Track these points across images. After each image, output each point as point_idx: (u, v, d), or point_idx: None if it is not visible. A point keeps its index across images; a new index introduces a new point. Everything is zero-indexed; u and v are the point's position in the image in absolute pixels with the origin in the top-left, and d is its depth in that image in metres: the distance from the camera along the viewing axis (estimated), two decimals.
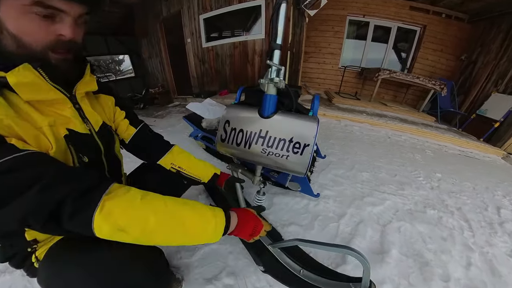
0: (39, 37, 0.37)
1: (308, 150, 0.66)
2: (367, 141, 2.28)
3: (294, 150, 0.67)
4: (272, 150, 0.69)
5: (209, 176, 0.84)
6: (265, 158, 0.70)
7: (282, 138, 0.68)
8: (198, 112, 1.65)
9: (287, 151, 0.68)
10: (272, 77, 0.66)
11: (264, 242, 0.90)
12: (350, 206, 1.20)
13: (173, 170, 0.79)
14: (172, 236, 0.41)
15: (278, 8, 0.65)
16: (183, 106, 3.49)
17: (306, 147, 0.66)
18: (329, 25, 4.07)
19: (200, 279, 0.81)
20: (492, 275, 0.90)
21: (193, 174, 0.81)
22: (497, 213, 1.32)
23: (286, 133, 0.68)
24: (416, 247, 0.99)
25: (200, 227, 0.43)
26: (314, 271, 0.76)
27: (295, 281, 0.75)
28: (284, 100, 0.73)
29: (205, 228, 0.43)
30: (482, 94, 3.40)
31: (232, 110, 0.77)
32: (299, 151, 0.67)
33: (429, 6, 3.69)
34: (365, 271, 0.56)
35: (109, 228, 0.34)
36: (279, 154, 0.69)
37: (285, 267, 0.80)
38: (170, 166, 0.79)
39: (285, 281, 0.76)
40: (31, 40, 0.37)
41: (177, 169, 0.79)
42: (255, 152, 0.71)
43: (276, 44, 0.67)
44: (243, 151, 0.73)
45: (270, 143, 0.69)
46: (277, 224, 1.05)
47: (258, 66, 3.49)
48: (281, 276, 0.78)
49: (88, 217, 0.33)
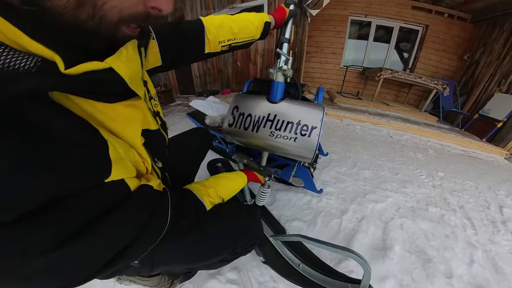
0: (128, 4, 0.25)
1: (315, 132, 0.67)
2: (369, 140, 2.28)
3: (302, 132, 0.68)
4: (280, 132, 0.70)
5: (261, 30, 0.69)
6: (273, 141, 0.71)
7: (290, 121, 0.69)
8: (202, 109, 1.65)
9: (295, 133, 0.69)
10: (281, 65, 0.69)
11: (267, 234, 0.91)
12: (352, 202, 1.21)
13: (224, 49, 0.66)
14: (234, 192, 0.64)
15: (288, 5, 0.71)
16: (185, 105, 3.50)
17: (313, 129, 0.67)
18: (331, 25, 4.07)
19: (204, 273, 0.81)
20: (495, 272, 0.90)
21: (246, 37, 0.67)
22: (500, 212, 1.31)
23: (294, 116, 0.70)
24: (419, 244, 0.99)
25: (241, 184, 0.69)
26: (314, 267, 0.77)
27: (293, 274, 0.76)
28: (291, 90, 0.75)
29: (242, 183, 0.69)
30: (485, 94, 3.39)
31: (241, 98, 0.79)
32: (307, 133, 0.68)
33: (432, 6, 3.68)
34: (365, 275, 0.57)
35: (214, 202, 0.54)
36: (287, 136, 0.70)
37: (285, 260, 0.81)
38: (221, 47, 0.65)
39: (284, 274, 0.77)
40: (116, 1, 0.23)
41: (228, 44, 0.65)
42: (263, 135, 0.72)
43: (285, 38, 0.72)
44: (251, 135, 0.74)
45: (278, 125, 0.70)
46: (281, 219, 1.06)
47: (260, 66, 3.50)
48: (280, 269, 0.78)
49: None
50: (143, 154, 0.37)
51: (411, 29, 3.95)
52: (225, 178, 0.64)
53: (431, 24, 3.76)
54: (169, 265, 0.52)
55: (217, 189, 0.56)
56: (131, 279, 0.70)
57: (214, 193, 0.54)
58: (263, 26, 0.69)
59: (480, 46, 3.55)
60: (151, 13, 0.27)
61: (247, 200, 0.99)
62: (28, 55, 0.21)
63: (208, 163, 1.42)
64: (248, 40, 0.69)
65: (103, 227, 0.27)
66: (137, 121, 0.36)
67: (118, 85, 0.29)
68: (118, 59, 0.27)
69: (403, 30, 3.99)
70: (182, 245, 0.49)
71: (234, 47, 0.68)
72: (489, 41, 3.40)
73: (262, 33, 0.70)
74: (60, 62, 0.22)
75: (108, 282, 0.77)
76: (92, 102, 0.28)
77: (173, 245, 0.47)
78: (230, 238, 0.55)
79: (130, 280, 0.71)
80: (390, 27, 3.99)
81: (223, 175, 0.65)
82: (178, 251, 0.49)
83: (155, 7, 0.27)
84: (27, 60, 0.21)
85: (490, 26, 3.41)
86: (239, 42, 0.68)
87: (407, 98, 4.23)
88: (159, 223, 0.36)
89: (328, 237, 0.99)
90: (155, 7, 0.27)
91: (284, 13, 0.71)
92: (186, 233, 0.48)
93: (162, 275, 0.74)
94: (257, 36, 0.70)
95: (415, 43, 4.03)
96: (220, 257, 0.57)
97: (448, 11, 3.67)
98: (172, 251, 0.49)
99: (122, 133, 0.32)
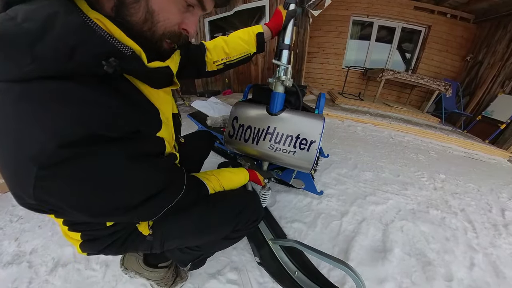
0: (170, 23, 0.37)
1: (314, 147, 0.68)
2: (370, 141, 2.28)
3: (301, 146, 0.69)
4: (280, 146, 0.71)
5: (254, 43, 0.71)
6: (273, 154, 0.72)
7: (290, 135, 0.70)
8: (203, 110, 1.66)
9: (294, 147, 0.69)
10: (279, 75, 0.68)
11: (266, 236, 0.91)
12: (353, 204, 1.21)
13: (220, 67, 0.72)
14: (235, 185, 0.68)
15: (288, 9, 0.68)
16: (187, 105, 3.52)
17: (312, 143, 0.68)
18: (333, 25, 4.06)
19: (204, 274, 0.82)
20: (496, 276, 0.90)
21: (239, 54, 0.72)
22: (502, 215, 1.31)
23: (293, 129, 0.70)
24: (419, 247, 0.99)
25: (242, 179, 0.71)
26: (309, 276, 0.76)
27: (287, 280, 0.75)
28: (291, 98, 0.75)
29: (243, 179, 0.71)
30: (488, 95, 3.36)
31: (241, 107, 0.79)
32: (306, 147, 0.68)
33: (434, 6, 3.66)
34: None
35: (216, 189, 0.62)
36: (286, 150, 0.70)
37: (280, 264, 0.81)
38: (216, 66, 0.72)
39: (278, 278, 0.77)
40: (163, 21, 0.36)
41: (223, 63, 0.71)
42: (263, 148, 0.72)
43: (284, 44, 0.69)
44: (251, 147, 0.74)
45: (277, 139, 0.70)
46: (281, 221, 1.06)
47: (262, 66, 3.50)
48: (274, 273, 0.78)
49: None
50: (171, 126, 0.50)
51: (413, 29, 3.93)
52: (228, 171, 0.68)
53: (433, 24, 3.74)
54: (176, 239, 0.56)
55: (219, 179, 0.63)
56: (138, 270, 0.72)
57: (216, 181, 0.61)
58: (256, 39, 0.70)
59: (483, 47, 3.52)
60: (182, 33, 0.41)
61: None
62: (125, 45, 0.32)
63: (218, 165, 1.43)
64: (243, 56, 0.73)
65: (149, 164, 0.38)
66: (170, 103, 0.50)
67: (168, 76, 0.43)
68: (171, 61, 0.44)
69: (406, 30, 3.97)
70: (188, 218, 0.55)
71: (230, 65, 0.74)
72: (492, 41, 3.37)
73: (258, 45, 0.72)
74: (144, 57, 0.35)
75: (110, 282, 0.78)
76: (147, 86, 0.40)
77: (180, 218, 0.54)
78: (232, 213, 0.60)
79: (136, 272, 0.72)
80: (392, 28, 3.98)
81: (226, 169, 0.69)
82: (184, 224, 0.56)
83: (185, 29, 0.41)
84: (127, 49, 0.33)
85: (494, 27, 3.38)
86: (234, 60, 0.72)
87: (409, 99, 4.21)
88: (178, 186, 0.47)
89: (328, 239, 0.99)
90: (185, 29, 0.41)
91: (281, 17, 0.68)
92: (191, 208, 0.55)
93: (168, 268, 0.75)
94: (253, 49, 0.72)
95: (418, 44, 4.01)
96: (224, 233, 0.61)
97: (451, 12, 3.65)
98: (179, 225, 0.55)
99: (163, 109, 0.44)
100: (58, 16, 0.26)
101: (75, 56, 0.27)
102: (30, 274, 0.81)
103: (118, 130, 0.32)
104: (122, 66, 0.31)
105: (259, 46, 0.72)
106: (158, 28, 0.37)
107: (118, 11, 0.33)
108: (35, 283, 0.78)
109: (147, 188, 0.39)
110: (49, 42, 0.25)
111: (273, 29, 0.70)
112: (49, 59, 0.26)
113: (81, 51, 0.27)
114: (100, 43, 0.29)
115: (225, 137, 0.79)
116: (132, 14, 0.34)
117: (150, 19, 0.35)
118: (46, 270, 0.82)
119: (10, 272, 0.82)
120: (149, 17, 0.35)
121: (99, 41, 0.29)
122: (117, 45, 0.32)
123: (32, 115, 0.27)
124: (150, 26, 0.36)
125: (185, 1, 0.37)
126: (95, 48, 0.29)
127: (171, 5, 0.36)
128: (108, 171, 0.32)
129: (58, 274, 0.81)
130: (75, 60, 0.27)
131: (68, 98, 0.28)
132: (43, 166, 0.27)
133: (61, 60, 0.27)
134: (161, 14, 0.35)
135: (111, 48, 0.31)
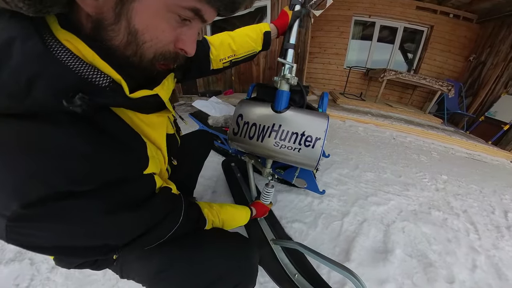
0: (161, 43, 0.31)
1: (319, 144, 0.68)
2: (372, 141, 2.27)
3: (306, 143, 0.69)
4: (285, 143, 0.71)
5: (261, 41, 0.70)
6: (278, 151, 0.72)
7: (295, 132, 0.70)
8: (204, 110, 1.66)
9: (299, 144, 0.69)
10: (285, 73, 0.69)
11: (267, 236, 0.91)
12: (354, 205, 1.20)
13: (226, 65, 0.70)
14: (233, 224, 0.67)
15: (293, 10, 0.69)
16: (188, 105, 3.52)
17: (317, 140, 0.68)
18: (335, 25, 4.05)
19: None
20: (498, 278, 0.89)
21: (246, 52, 0.71)
22: (505, 217, 1.30)
23: (298, 127, 0.70)
24: (421, 248, 0.98)
25: (243, 218, 0.73)
26: (310, 280, 0.75)
27: (287, 283, 0.75)
28: (295, 97, 0.75)
29: (244, 218, 0.73)
30: (491, 96, 3.33)
31: (246, 105, 0.79)
32: (311, 144, 0.68)
33: (437, 6, 3.64)
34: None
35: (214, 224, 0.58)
36: (292, 147, 0.70)
37: (280, 266, 0.80)
38: (222, 64, 0.70)
39: (276, 279, 0.76)
40: (150, 41, 0.29)
41: (229, 60, 0.69)
42: (268, 145, 0.72)
43: (290, 43, 0.70)
44: (256, 144, 0.74)
45: (283, 136, 0.70)
46: (282, 221, 1.06)
47: (263, 66, 3.50)
48: (273, 273, 0.78)
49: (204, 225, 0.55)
50: (164, 152, 0.46)
51: (415, 29, 3.91)
52: (230, 206, 0.68)
53: (436, 24, 3.72)
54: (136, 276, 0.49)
55: (220, 212, 0.61)
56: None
57: (216, 214, 0.59)
58: (263, 37, 0.70)
59: (486, 47, 3.49)
60: (179, 53, 0.34)
61: (252, 198, 1.02)
62: (102, 73, 0.28)
63: (222, 162, 1.44)
64: (249, 54, 0.72)
65: (139, 207, 0.35)
66: (164, 126, 0.46)
67: (158, 104, 0.39)
68: (162, 88, 0.37)
69: (408, 30, 3.95)
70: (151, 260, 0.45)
71: (235, 63, 0.72)
72: (495, 41, 3.34)
73: (264, 44, 0.72)
74: (126, 87, 0.30)
75: (111, 280, 0.79)
76: (136, 113, 0.36)
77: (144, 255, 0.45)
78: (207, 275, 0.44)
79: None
80: (395, 28, 3.96)
81: (228, 204, 0.70)
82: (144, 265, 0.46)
83: (182, 49, 0.33)
84: (103, 79, 0.28)
85: (497, 27, 3.35)
86: (240, 57, 0.71)
87: (411, 100, 4.19)
88: (174, 218, 0.44)
89: (329, 239, 0.98)
90: (182, 48, 0.33)
91: (287, 17, 0.69)
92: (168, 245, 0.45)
93: None
94: (259, 48, 0.72)
95: (420, 44, 3.98)
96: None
97: (453, 11, 3.62)
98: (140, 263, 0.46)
99: (154, 136, 0.41)
100: (15, 43, 0.22)
101: (32, 91, 0.23)
102: (32, 271, 0.81)
103: (91, 183, 0.27)
104: (96, 101, 0.26)
105: (265, 44, 0.72)
106: (146, 51, 0.30)
107: (96, 35, 0.28)
108: (37, 280, 0.78)
109: (131, 233, 0.36)
110: (5, 74, 0.22)
111: (279, 28, 0.71)
112: (5, 95, 0.22)
113: (40, 85, 0.23)
114: (61, 73, 0.24)
115: (229, 134, 0.79)
116: (112, 37, 0.28)
117: (134, 41, 0.28)
118: (47, 267, 0.83)
119: (12, 269, 0.82)
120: (132, 39, 0.28)
121: (61, 71, 0.24)
122: (88, 75, 0.26)
123: None
124: (135, 49, 0.29)
125: (178, 15, 0.29)
126: (54, 81, 0.24)
127: (159, 21, 0.29)
128: (82, 225, 0.29)
129: (60, 271, 0.81)
130: (33, 96, 0.23)
131: (28, 146, 0.24)
132: (11, 220, 0.24)
133: (18, 96, 0.22)
134: (146, 33, 0.28)
135: (77, 80, 0.25)
